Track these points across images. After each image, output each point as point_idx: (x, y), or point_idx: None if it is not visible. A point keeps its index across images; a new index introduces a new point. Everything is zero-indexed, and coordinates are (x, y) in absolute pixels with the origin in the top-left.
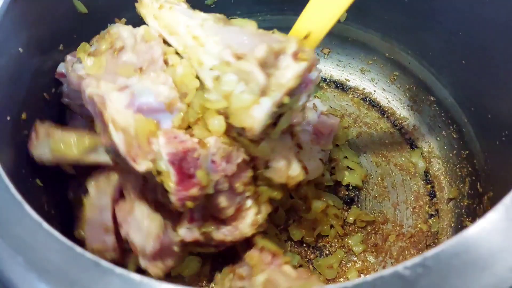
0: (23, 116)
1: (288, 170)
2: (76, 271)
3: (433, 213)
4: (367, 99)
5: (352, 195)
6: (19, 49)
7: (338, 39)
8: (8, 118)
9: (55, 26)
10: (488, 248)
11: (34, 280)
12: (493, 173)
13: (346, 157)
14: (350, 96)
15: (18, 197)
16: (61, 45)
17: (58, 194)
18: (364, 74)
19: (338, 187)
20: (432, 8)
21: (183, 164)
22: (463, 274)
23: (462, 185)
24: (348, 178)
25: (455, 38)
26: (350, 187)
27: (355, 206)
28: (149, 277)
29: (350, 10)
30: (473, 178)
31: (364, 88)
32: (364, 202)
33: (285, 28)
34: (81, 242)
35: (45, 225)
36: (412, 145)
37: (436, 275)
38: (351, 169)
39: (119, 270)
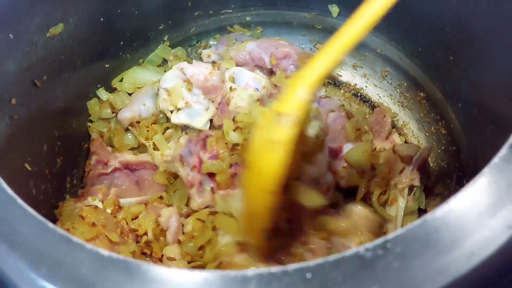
0: (13, 101)
1: None
2: (46, 245)
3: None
4: (359, 95)
5: None
6: (10, 35)
7: (331, 34)
8: None
9: (47, 13)
10: (449, 233)
11: (3, 252)
12: (478, 169)
13: None
14: (342, 91)
15: None
16: (50, 31)
17: (47, 180)
18: (356, 69)
19: None
20: (421, 4)
21: None
22: (421, 256)
23: (449, 180)
24: None
25: (443, 34)
26: None
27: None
28: (120, 255)
29: (343, 6)
30: (460, 173)
31: (355, 84)
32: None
33: (279, 23)
34: None
35: (19, 200)
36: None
37: (395, 256)
38: None
39: (89, 246)
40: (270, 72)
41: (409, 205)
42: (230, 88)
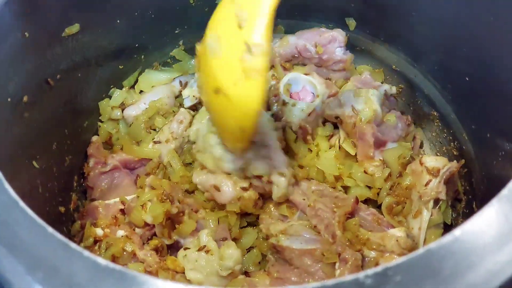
0: (25, 99)
1: None
2: (45, 250)
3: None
4: None
5: None
6: (25, 33)
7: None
8: (9, 99)
9: (64, 13)
10: (452, 263)
11: (2, 254)
12: (488, 193)
13: None
14: None
15: None
16: (66, 30)
17: (55, 178)
18: None
19: None
20: (438, 22)
21: None
22: (421, 286)
23: (458, 203)
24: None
25: (460, 53)
26: None
27: None
28: (116, 264)
29: (359, 20)
30: (470, 196)
31: None
32: None
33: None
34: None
35: (21, 203)
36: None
37: (394, 285)
38: None
39: (86, 253)
40: (319, 65)
41: (434, 218)
42: (283, 102)
